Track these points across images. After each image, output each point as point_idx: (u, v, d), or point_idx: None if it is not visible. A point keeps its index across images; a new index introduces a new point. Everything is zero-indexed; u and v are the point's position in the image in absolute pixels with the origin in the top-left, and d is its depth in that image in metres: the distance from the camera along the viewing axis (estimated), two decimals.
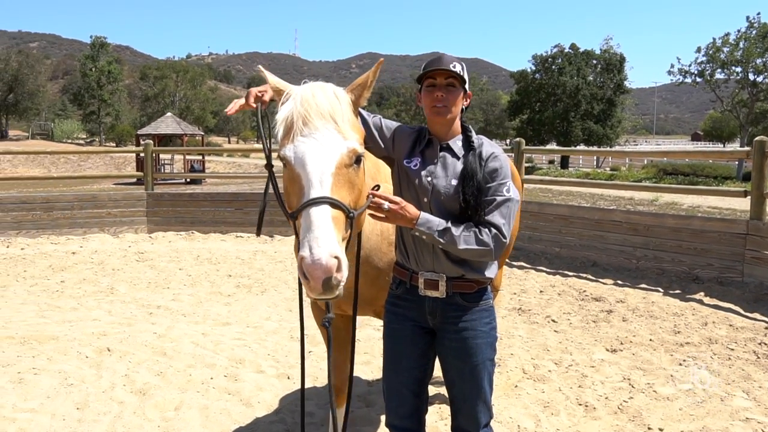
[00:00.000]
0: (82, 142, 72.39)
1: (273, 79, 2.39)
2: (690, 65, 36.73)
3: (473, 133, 2.48)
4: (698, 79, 36.53)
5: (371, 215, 2.32)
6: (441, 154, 2.46)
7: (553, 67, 45.31)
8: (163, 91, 70.17)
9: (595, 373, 4.96)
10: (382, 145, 2.56)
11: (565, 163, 42.41)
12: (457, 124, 2.49)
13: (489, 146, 2.44)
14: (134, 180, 28.09)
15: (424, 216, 2.31)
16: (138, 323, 6.24)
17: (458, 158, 2.43)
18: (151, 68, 75.48)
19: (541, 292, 7.61)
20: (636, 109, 59.13)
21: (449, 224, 2.30)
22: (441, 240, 2.27)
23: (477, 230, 2.29)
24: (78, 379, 4.71)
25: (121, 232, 11.61)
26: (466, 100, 2.48)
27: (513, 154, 10.26)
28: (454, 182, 2.38)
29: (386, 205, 2.27)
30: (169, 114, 36.25)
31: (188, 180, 27.61)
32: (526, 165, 43.80)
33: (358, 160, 2.19)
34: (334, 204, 2.05)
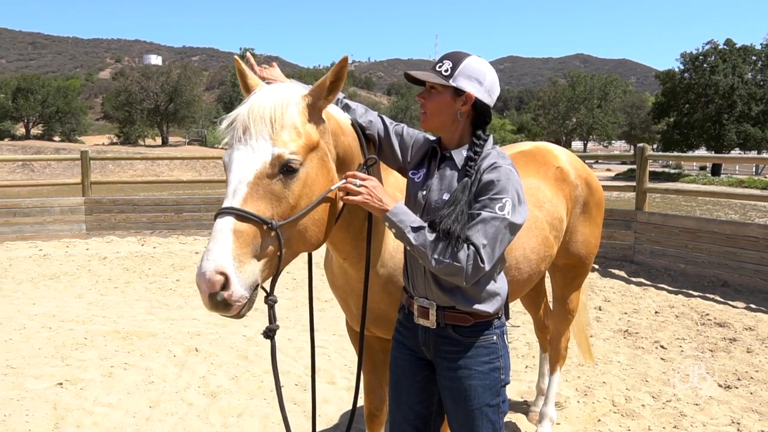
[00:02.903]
0: None
1: (250, 74, 2.22)
2: None
3: (485, 143, 2.15)
4: None
5: (343, 198, 2.08)
6: (442, 164, 2.19)
7: (705, 65, 41.70)
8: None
9: (698, 412, 4.35)
10: (400, 156, 2.35)
11: (716, 169, 38.87)
12: (465, 131, 2.17)
13: (494, 157, 2.09)
14: None
15: (401, 208, 2.02)
16: (231, 325, 6.42)
17: (458, 169, 2.13)
18: (295, 77, 79.33)
19: (656, 313, 6.91)
20: None
21: (427, 225, 2.00)
22: (411, 238, 1.96)
23: (455, 244, 1.94)
24: (160, 378, 4.90)
25: None
26: (464, 104, 2.12)
27: (636, 160, 9.48)
28: (445, 196, 2.08)
29: (357, 182, 2.03)
30: None
31: None
32: (673, 171, 40.69)
33: (286, 169, 1.94)
34: (241, 216, 1.86)
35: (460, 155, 2.15)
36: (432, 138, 2.32)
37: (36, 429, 4.00)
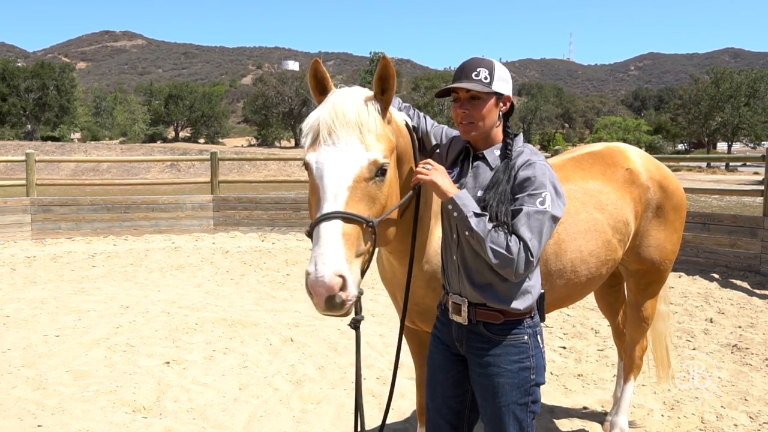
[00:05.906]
0: None
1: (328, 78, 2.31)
2: None
3: (516, 141, 2.22)
4: None
5: (415, 177, 2.18)
6: (475, 164, 2.25)
7: None
8: (432, 101, 74.03)
9: None
10: (438, 156, 2.44)
11: None
12: (497, 132, 2.24)
13: (528, 155, 2.15)
14: None
15: (465, 194, 2.10)
16: (329, 318, 6.67)
17: (491, 168, 2.19)
18: (423, 79, 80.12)
19: None
20: None
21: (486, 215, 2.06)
22: (472, 223, 2.01)
23: (506, 235, 2.00)
24: (253, 363, 5.27)
25: None
26: (504, 105, 2.22)
27: (765, 162, 8.73)
28: (480, 193, 2.15)
29: (428, 167, 2.14)
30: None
31: None
32: None
33: (381, 171, 2.07)
34: (347, 218, 1.97)
35: (492, 155, 2.23)
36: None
37: (140, 400, 4.46)
